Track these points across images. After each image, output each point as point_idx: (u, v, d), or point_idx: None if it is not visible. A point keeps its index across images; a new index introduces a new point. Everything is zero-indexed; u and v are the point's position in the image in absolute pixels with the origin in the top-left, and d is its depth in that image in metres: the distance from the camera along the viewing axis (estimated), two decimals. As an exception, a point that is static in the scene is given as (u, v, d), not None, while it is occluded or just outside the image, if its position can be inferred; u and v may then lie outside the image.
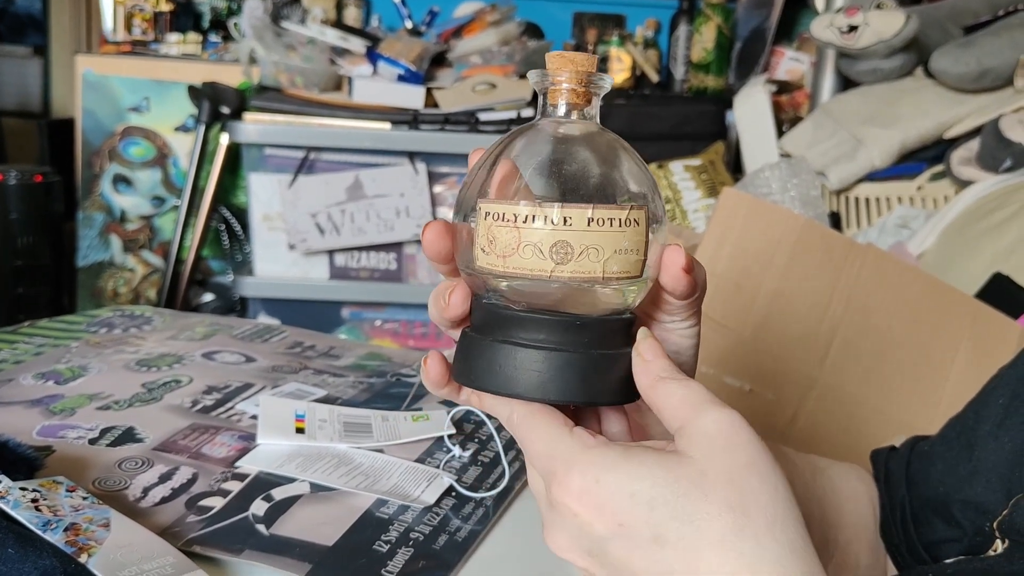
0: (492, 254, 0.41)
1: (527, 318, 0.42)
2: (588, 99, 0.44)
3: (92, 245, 2.38)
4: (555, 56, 0.43)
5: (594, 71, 0.43)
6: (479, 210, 0.41)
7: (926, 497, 0.58)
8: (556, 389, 0.41)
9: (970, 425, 0.57)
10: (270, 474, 0.68)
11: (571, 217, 0.40)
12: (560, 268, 0.40)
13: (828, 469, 0.61)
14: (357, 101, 2.06)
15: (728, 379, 1.11)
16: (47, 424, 0.73)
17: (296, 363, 0.91)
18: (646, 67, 2.49)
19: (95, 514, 0.58)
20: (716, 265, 1.12)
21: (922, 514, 0.58)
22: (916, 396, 1.09)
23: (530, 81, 0.44)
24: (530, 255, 0.40)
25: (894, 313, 1.11)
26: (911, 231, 1.64)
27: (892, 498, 0.60)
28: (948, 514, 0.56)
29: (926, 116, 1.74)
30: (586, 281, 0.41)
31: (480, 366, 0.42)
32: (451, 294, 0.44)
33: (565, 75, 0.43)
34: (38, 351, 0.91)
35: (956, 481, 0.56)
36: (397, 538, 0.62)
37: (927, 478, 0.58)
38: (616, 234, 0.40)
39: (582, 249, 0.40)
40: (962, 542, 0.55)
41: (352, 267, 2.11)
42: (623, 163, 0.43)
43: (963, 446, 0.57)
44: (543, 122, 0.44)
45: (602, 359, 0.42)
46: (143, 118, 2.35)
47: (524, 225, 0.40)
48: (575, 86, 0.43)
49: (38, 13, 3.28)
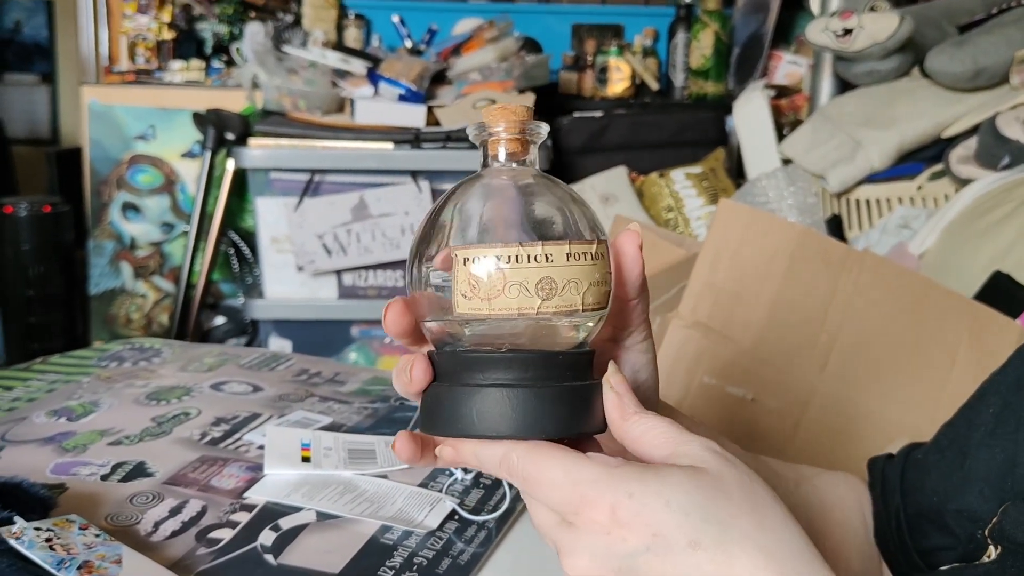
0: (475, 298, 0.41)
1: (512, 358, 0.43)
2: (526, 147, 0.46)
3: (103, 273, 2.41)
4: (491, 109, 0.45)
5: (529, 119, 0.45)
6: (456, 258, 0.42)
7: (920, 506, 0.59)
8: (553, 424, 0.42)
9: (962, 433, 0.58)
10: (277, 504, 0.69)
11: (551, 254, 0.41)
12: (546, 304, 0.41)
13: (814, 478, 0.62)
14: (360, 122, 2.09)
15: (731, 389, 1.12)
16: (60, 462, 0.75)
17: (302, 391, 0.93)
18: (645, 76, 2.51)
19: (108, 551, 0.60)
20: (715, 276, 1.13)
21: (917, 522, 0.59)
22: (917, 400, 1.09)
23: (469, 135, 0.46)
24: (516, 294, 0.41)
25: (893, 318, 1.12)
26: (912, 231, 1.65)
27: (887, 506, 0.61)
28: (942, 522, 0.56)
29: (923, 116, 1.75)
30: (568, 314, 0.42)
31: (465, 414, 0.42)
32: (412, 370, 0.45)
33: (502, 125, 0.45)
34: (51, 388, 0.93)
35: (949, 490, 0.56)
36: (401, 564, 0.63)
37: (921, 487, 0.59)
38: (590, 267, 0.42)
39: (564, 283, 0.42)
40: (956, 550, 0.56)
41: (360, 286, 2.13)
42: (571, 203, 0.45)
43: (955, 454, 0.57)
44: (487, 172, 0.46)
45: (585, 390, 0.44)
46: (149, 146, 2.38)
47: (508, 265, 0.41)
48: (513, 135, 0.45)
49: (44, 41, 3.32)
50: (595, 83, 2.50)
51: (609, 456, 0.42)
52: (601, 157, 2.28)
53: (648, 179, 2.20)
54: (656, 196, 2.15)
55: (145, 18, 2.59)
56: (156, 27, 2.60)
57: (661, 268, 1.46)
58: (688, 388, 1.11)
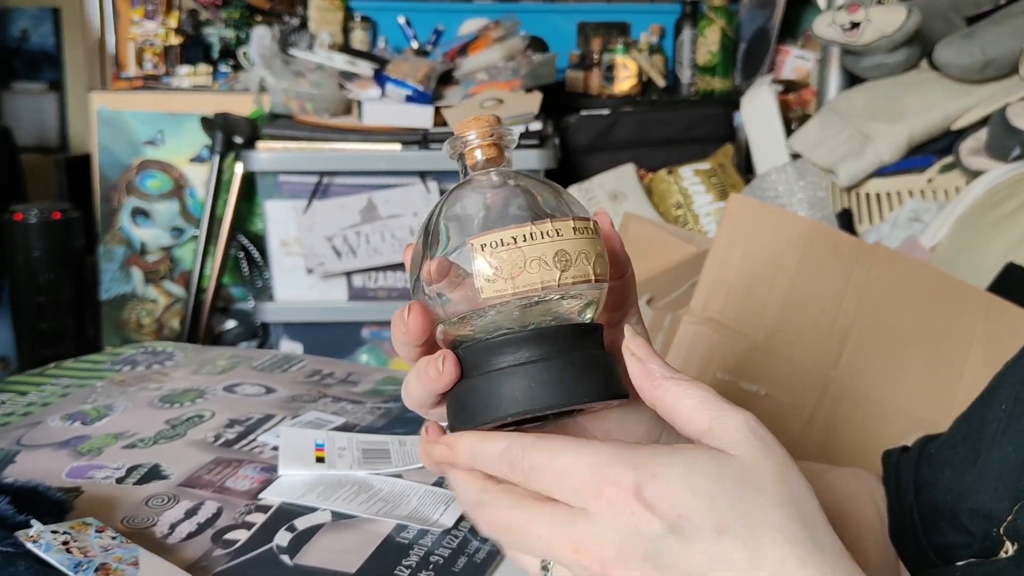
0: (499, 280, 0.42)
1: (539, 333, 0.43)
2: (501, 152, 0.47)
3: (114, 278, 2.42)
4: (461, 121, 0.47)
5: (499, 125, 0.47)
6: (472, 246, 0.43)
7: (935, 503, 0.58)
8: (589, 388, 0.43)
9: (975, 428, 0.57)
10: (292, 504, 0.69)
11: (560, 229, 0.43)
12: (564, 275, 0.43)
13: (824, 474, 0.62)
14: (367, 124, 2.09)
15: (745, 384, 1.11)
16: (75, 465, 0.75)
17: (315, 391, 0.93)
18: (652, 73, 2.51)
19: (124, 553, 0.60)
20: (726, 272, 1.13)
21: (931, 520, 0.58)
22: (932, 392, 1.09)
23: (446, 152, 0.48)
24: (537, 269, 0.42)
25: (906, 311, 1.12)
26: (923, 224, 1.64)
27: (901, 503, 0.61)
28: (957, 521, 0.56)
29: (933, 108, 1.74)
30: (584, 283, 0.44)
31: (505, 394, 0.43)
32: (444, 362, 0.44)
33: (474, 133, 0.47)
34: (64, 392, 0.93)
35: (963, 489, 0.56)
36: (417, 562, 0.63)
37: (935, 484, 0.59)
38: (592, 240, 0.44)
39: (576, 255, 0.43)
40: (972, 547, 0.56)
41: (370, 287, 2.13)
42: (558, 191, 0.47)
43: (968, 450, 0.57)
44: (469, 178, 0.48)
45: (610, 357, 0.45)
46: (158, 151, 2.39)
47: (526, 243, 0.43)
48: (486, 140, 0.47)
49: (52, 49, 3.34)
50: (602, 81, 2.50)
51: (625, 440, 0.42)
52: (609, 155, 2.27)
53: (657, 176, 2.19)
54: (665, 193, 2.14)
55: (152, 24, 2.60)
56: (163, 32, 2.61)
57: (671, 265, 1.46)
58: (701, 384, 1.10)
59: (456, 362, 0.45)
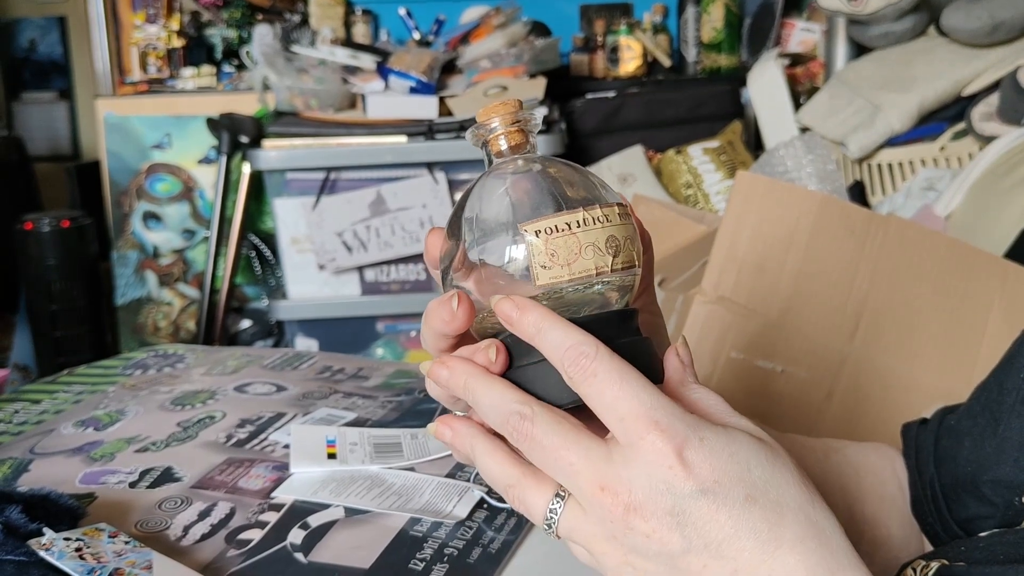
0: (556, 266, 0.42)
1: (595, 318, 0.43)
2: (526, 137, 0.47)
3: (129, 283, 2.43)
4: (484, 108, 0.47)
5: (522, 109, 0.46)
6: (525, 233, 0.42)
7: (955, 475, 0.57)
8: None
9: (994, 397, 0.57)
10: (305, 502, 0.69)
11: (608, 215, 0.43)
12: (616, 261, 0.43)
13: (843, 449, 0.61)
14: (372, 117, 2.08)
15: (760, 362, 1.10)
16: (88, 471, 0.75)
17: (326, 388, 0.93)
18: (657, 53, 2.48)
19: (137, 557, 0.60)
20: (737, 249, 1.12)
21: (952, 492, 0.57)
22: (951, 363, 1.08)
23: (469, 140, 0.48)
24: (592, 255, 0.43)
25: (922, 281, 1.10)
26: (937, 193, 1.62)
27: (922, 476, 0.60)
28: (979, 492, 0.55)
29: (942, 75, 1.72)
30: (630, 268, 0.44)
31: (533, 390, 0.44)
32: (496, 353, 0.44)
33: (497, 120, 0.46)
34: (77, 399, 0.93)
35: (983, 460, 0.55)
36: (432, 555, 0.63)
37: (955, 456, 0.58)
38: (632, 226, 0.45)
39: (623, 240, 0.44)
40: (995, 517, 0.55)
41: (383, 281, 2.13)
42: (589, 174, 0.46)
43: (988, 421, 0.56)
44: (496, 166, 0.47)
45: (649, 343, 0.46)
46: (166, 154, 2.39)
47: (580, 229, 0.43)
48: (510, 127, 0.46)
49: (60, 58, 3.35)
50: (606, 63, 2.48)
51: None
52: (616, 137, 2.26)
53: (665, 156, 2.18)
54: (674, 173, 2.13)
55: (154, 27, 2.60)
56: (166, 36, 2.61)
57: (682, 245, 1.45)
58: (716, 364, 1.10)
59: (507, 353, 0.44)
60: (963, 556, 0.48)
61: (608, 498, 0.40)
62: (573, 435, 0.41)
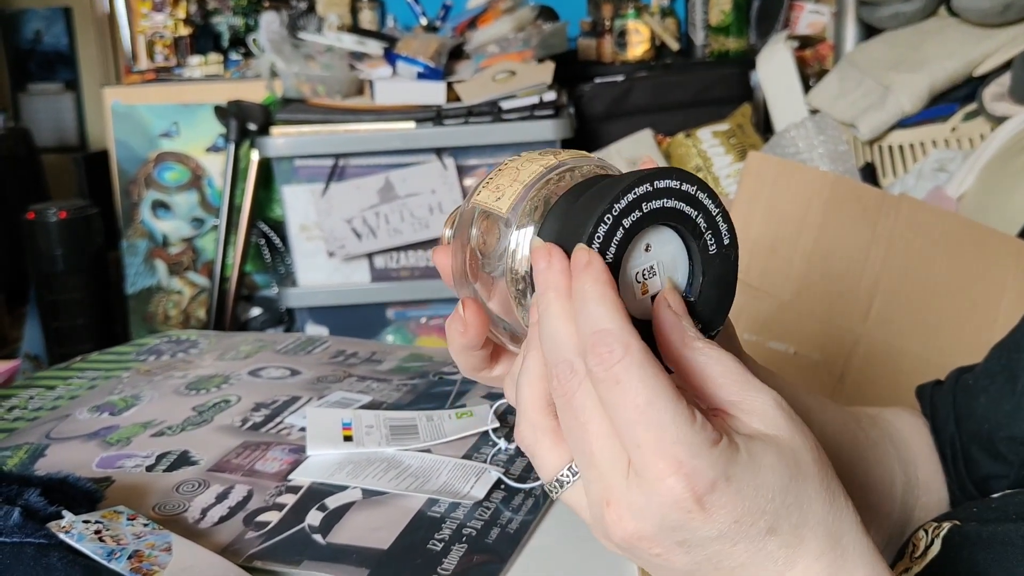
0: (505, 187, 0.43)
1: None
2: None
3: (139, 272, 2.43)
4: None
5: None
6: (474, 203, 0.43)
7: (972, 433, 0.57)
8: None
9: (1013, 356, 0.56)
10: (322, 484, 0.69)
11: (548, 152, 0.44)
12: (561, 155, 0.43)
13: (881, 413, 0.61)
14: (380, 103, 2.08)
15: (772, 344, 1.10)
16: (105, 455, 0.75)
17: (340, 372, 0.93)
18: (665, 36, 2.47)
19: (156, 539, 0.60)
20: (749, 231, 1.11)
21: (970, 450, 0.57)
22: (964, 343, 1.07)
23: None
24: (534, 162, 0.43)
25: (935, 261, 1.10)
26: (949, 174, 1.61)
27: (940, 436, 0.60)
28: (995, 450, 0.55)
29: (953, 55, 1.70)
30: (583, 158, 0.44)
31: None
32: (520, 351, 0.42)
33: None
34: (91, 384, 0.93)
35: (1000, 417, 0.55)
36: (450, 536, 0.63)
37: (972, 413, 0.58)
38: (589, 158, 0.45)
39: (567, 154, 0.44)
40: (1009, 477, 0.55)
41: (392, 268, 2.13)
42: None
43: (1006, 379, 0.56)
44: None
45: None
46: (174, 143, 2.39)
47: (514, 161, 0.44)
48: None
49: (65, 49, 3.35)
50: (614, 48, 2.47)
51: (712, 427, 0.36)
52: (625, 122, 2.25)
53: (675, 140, 2.17)
54: (684, 157, 2.12)
55: (161, 16, 2.60)
56: (172, 24, 2.61)
57: (693, 228, 1.44)
58: (728, 346, 1.09)
59: None
60: (975, 516, 0.48)
61: (613, 516, 0.36)
62: (606, 427, 0.36)
